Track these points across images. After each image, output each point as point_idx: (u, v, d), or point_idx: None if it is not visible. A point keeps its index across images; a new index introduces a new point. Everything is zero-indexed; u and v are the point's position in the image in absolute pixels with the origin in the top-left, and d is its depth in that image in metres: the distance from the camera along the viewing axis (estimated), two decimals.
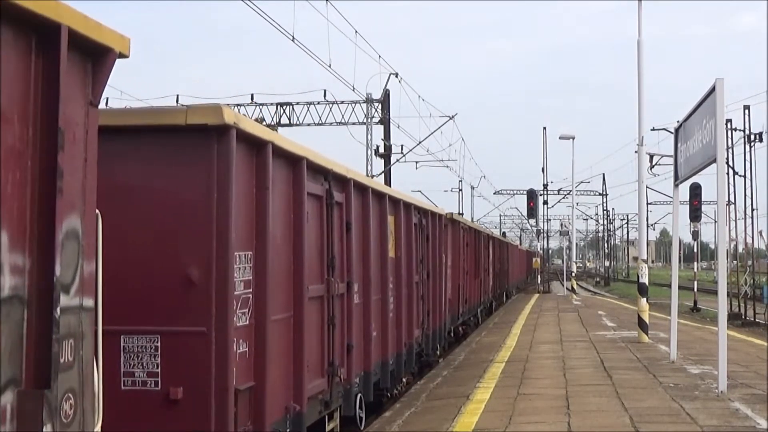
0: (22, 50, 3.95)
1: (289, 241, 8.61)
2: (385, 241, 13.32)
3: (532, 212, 53.03)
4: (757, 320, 38.96)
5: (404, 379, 15.21)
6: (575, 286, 56.98)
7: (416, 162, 45.97)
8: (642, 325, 20.66)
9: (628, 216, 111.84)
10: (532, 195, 51.65)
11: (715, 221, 58.08)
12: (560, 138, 53.55)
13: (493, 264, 36.00)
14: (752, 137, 43.00)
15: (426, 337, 17.41)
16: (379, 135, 37.27)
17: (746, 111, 43.28)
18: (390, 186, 29.00)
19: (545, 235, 74.49)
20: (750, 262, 47.38)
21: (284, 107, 37.39)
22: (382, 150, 37.03)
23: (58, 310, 4.09)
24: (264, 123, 8.26)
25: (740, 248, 52.18)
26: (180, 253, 6.86)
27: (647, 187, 38.81)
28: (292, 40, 21.13)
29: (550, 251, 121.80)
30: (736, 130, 43.39)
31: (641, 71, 21.84)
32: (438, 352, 19.10)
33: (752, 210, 44.14)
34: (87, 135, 4.45)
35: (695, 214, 35.52)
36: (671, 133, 19.05)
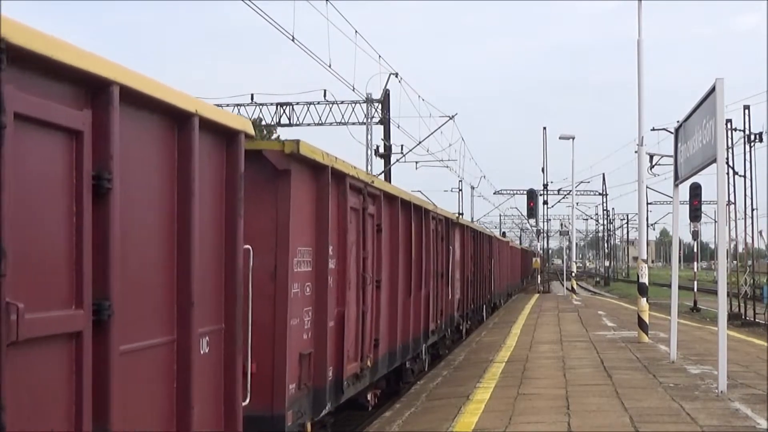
0: None
1: None
2: None
3: (532, 212, 53.03)
4: (757, 320, 38.98)
5: None
6: (575, 286, 56.97)
7: (416, 162, 45.99)
8: (642, 325, 20.66)
9: (628, 216, 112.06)
10: (532, 195, 51.65)
11: (715, 221, 58.08)
12: (560, 138, 53.56)
13: (462, 266, 24.41)
14: (752, 137, 43.05)
15: None
16: (379, 135, 37.30)
17: (746, 111, 43.34)
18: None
19: (545, 235, 74.53)
20: (750, 262, 47.41)
21: (284, 107, 37.42)
22: (382, 150, 37.03)
23: None
24: (263, 123, 8.18)
25: (740, 248, 52.27)
26: None
27: (647, 187, 38.87)
28: (292, 40, 21.14)
29: (550, 251, 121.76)
30: (736, 130, 43.43)
31: (641, 71, 21.86)
32: None
33: (752, 210, 44.26)
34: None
35: (695, 214, 35.51)
36: (671, 133, 19.06)
